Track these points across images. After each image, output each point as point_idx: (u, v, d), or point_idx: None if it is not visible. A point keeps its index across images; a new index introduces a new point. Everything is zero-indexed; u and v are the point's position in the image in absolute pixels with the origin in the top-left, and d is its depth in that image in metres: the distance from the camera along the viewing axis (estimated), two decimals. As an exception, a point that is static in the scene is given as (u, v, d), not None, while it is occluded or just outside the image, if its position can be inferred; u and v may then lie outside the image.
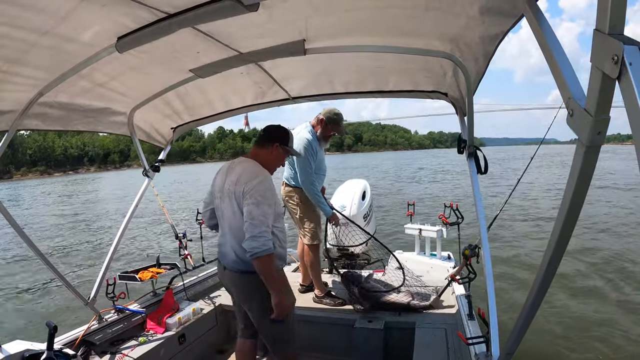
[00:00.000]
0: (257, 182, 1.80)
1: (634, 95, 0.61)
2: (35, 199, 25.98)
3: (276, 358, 2.04)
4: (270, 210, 1.80)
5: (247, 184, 1.80)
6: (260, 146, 2.00)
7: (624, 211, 10.37)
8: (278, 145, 1.99)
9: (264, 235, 1.72)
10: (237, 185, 1.83)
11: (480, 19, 1.31)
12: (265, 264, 1.73)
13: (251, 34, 1.63)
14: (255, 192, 1.77)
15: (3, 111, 1.85)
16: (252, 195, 1.77)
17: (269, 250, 1.72)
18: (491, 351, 1.55)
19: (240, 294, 2.00)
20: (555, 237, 0.95)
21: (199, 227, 3.54)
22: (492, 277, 1.74)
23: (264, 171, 1.90)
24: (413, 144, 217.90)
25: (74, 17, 1.27)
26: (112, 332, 2.41)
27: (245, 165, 1.92)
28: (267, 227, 1.75)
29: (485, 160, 2.04)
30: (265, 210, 1.77)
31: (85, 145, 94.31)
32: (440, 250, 3.81)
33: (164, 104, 2.50)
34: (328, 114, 2.94)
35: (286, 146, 2.02)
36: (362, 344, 2.51)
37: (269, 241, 1.73)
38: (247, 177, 1.83)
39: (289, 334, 1.97)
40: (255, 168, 1.89)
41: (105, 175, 66.40)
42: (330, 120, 2.94)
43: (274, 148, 1.99)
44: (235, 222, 1.86)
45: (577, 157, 0.81)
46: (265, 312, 1.85)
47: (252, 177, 1.82)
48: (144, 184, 2.90)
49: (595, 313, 4.41)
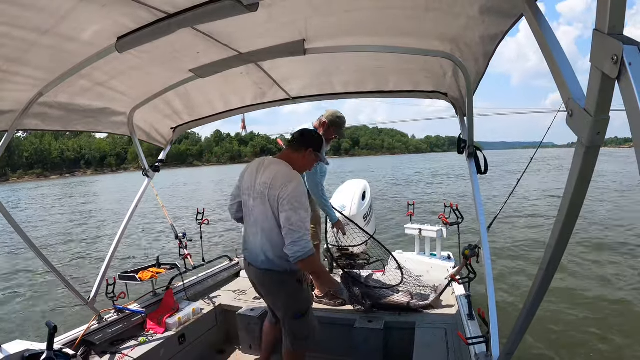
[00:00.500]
0: (293, 187, 1.82)
1: (633, 95, 0.61)
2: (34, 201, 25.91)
3: (294, 353, 2.09)
4: (306, 214, 1.85)
5: (283, 189, 1.82)
6: (294, 149, 2.04)
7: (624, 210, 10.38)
8: (312, 151, 2.03)
9: (303, 239, 1.79)
10: (272, 190, 1.85)
11: (480, 19, 1.31)
12: (311, 264, 1.84)
13: (251, 34, 1.63)
14: (292, 198, 1.80)
15: (3, 111, 1.85)
16: (290, 201, 1.80)
17: (311, 252, 1.80)
18: (491, 351, 1.55)
19: (264, 290, 2.09)
20: (555, 237, 0.95)
21: (198, 227, 3.56)
22: (492, 277, 1.74)
23: (297, 175, 1.92)
24: (410, 147, 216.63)
25: (74, 17, 1.27)
26: (112, 332, 2.41)
27: (278, 167, 1.93)
28: (305, 231, 1.82)
29: (485, 161, 2.05)
30: (302, 216, 1.82)
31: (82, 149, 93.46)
32: (440, 250, 3.80)
33: (164, 104, 2.50)
34: (331, 117, 2.93)
35: (318, 152, 2.07)
36: (362, 344, 2.51)
37: (309, 243, 1.81)
38: (282, 181, 1.85)
39: (308, 331, 2.05)
40: (289, 172, 1.91)
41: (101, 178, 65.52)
42: (333, 123, 2.93)
43: (307, 153, 2.03)
44: (268, 224, 1.90)
45: (577, 157, 0.81)
46: (288, 309, 1.97)
47: (287, 182, 1.84)
48: (144, 184, 2.90)
49: (596, 313, 4.42)
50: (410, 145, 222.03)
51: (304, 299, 2.03)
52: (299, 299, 2.00)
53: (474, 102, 1.94)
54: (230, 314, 2.95)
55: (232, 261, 3.83)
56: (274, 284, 1.99)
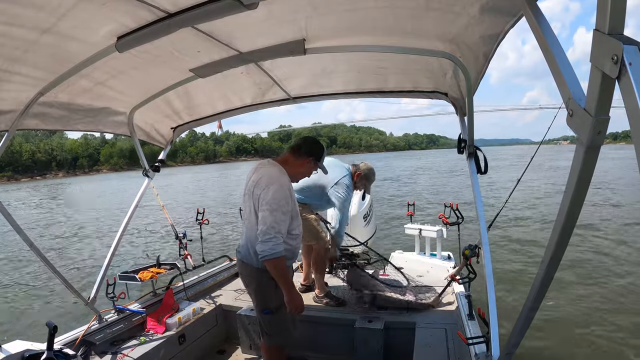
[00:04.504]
0: (274, 190, 1.86)
1: (633, 95, 0.61)
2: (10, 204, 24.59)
3: (269, 348, 2.15)
4: (285, 217, 1.88)
5: (264, 190, 1.87)
6: (295, 155, 2.08)
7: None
8: (312, 160, 2.08)
9: (272, 240, 1.81)
10: (256, 189, 1.91)
11: (481, 18, 1.31)
12: (275, 266, 1.85)
13: (251, 33, 1.63)
14: (271, 199, 1.84)
15: (3, 111, 1.85)
16: (268, 202, 1.84)
17: (278, 254, 1.82)
18: (491, 351, 1.55)
19: (244, 280, 2.16)
20: (555, 237, 0.95)
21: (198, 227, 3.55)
22: (492, 276, 1.73)
23: (283, 178, 1.95)
24: (388, 145, 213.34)
25: (74, 16, 1.27)
26: (112, 332, 2.41)
27: (269, 169, 1.98)
28: (277, 233, 1.83)
29: (485, 160, 2.04)
30: (278, 218, 1.84)
31: (54, 150, 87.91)
32: (440, 250, 3.81)
33: (164, 103, 2.50)
34: (368, 171, 3.09)
35: (318, 162, 2.12)
36: (362, 344, 2.51)
37: (278, 246, 1.82)
38: (265, 182, 1.89)
39: (279, 328, 2.07)
40: (276, 175, 1.94)
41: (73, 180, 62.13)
42: (366, 177, 3.10)
43: (307, 161, 2.07)
44: (250, 221, 1.98)
45: (577, 157, 0.81)
46: (260, 302, 2.04)
47: (269, 184, 1.88)
48: (144, 184, 2.90)
49: (596, 313, 4.41)
50: (388, 143, 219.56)
51: (273, 297, 2.00)
52: (267, 296, 2.01)
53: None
54: (230, 313, 2.95)
55: (232, 261, 3.82)
56: (248, 277, 2.06)
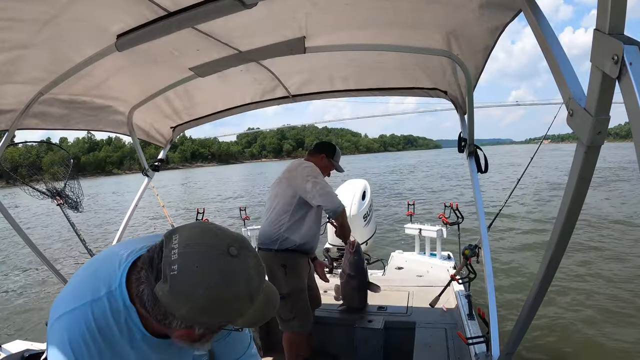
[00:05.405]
0: (310, 166, 2.26)
1: (634, 95, 0.61)
2: None
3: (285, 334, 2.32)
4: (324, 183, 2.20)
5: (300, 167, 2.27)
6: (310, 155, 2.49)
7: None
8: (325, 156, 2.43)
9: (333, 195, 2.18)
10: (290, 172, 2.30)
11: (480, 12, 1.31)
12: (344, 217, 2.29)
13: (251, 32, 1.63)
14: (310, 172, 2.21)
15: (3, 110, 1.85)
16: (309, 174, 2.20)
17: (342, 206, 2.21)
18: (491, 351, 1.55)
19: None
20: (555, 237, 0.95)
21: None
22: (492, 276, 1.73)
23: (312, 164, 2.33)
24: (360, 147, 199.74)
25: (73, 15, 1.27)
26: None
27: (299, 160, 2.39)
28: (331, 189, 2.19)
29: (485, 159, 2.03)
30: (323, 182, 2.19)
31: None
32: (440, 250, 3.81)
33: (163, 103, 2.50)
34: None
35: (332, 159, 2.45)
36: (362, 343, 2.51)
37: (340, 200, 2.21)
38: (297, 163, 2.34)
39: (293, 314, 2.22)
40: (305, 161, 2.37)
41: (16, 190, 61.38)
42: None
43: (321, 157, 2.43)
44: (273, 203, 2.28)
45: (577, 157, 0.81)
46: None
47: (304, 165, 2.29)
48: (144, 184, 2.90)
49: (597, 313, 4.41)
50: (361, 145, 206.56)
51: (284, 284, 2.18)
52: (278, 283, 2.15)
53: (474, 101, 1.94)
54: None
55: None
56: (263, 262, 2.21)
